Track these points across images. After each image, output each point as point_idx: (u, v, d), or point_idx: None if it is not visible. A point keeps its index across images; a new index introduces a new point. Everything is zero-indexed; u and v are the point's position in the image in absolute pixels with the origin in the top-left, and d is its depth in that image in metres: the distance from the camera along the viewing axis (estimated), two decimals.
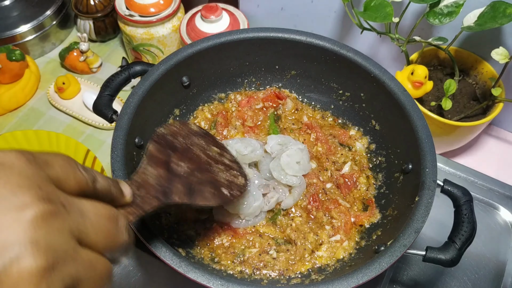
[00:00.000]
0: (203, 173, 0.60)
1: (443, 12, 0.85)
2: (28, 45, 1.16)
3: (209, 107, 0.86)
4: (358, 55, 0.79)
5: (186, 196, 0.55)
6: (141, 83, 0.74)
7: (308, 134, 0.83)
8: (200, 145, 0.64)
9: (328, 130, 0.84)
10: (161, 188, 0.52)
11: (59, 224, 0.31)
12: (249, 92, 0.88)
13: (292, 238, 0.71)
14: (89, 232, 0.34)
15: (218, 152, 0.66)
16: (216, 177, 0.62)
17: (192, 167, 0.59)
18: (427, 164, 0.67)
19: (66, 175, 0.35)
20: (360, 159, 0.81)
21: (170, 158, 0.57)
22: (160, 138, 0.59)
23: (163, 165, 0.55)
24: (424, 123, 0.71)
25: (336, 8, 1.02)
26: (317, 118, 0.87)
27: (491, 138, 1.06)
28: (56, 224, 0.30)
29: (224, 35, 0.81)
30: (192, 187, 0.57)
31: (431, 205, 0.64)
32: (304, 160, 0.78)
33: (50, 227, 0.30)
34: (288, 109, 0.87)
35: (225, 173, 0.64)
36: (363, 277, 0.57)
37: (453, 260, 0.62)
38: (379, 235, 0.70)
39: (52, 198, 0.31)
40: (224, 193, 0.62)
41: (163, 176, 0.54)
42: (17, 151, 0.33)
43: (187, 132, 0.63)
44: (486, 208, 0.90)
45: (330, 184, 0.78)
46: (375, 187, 0.78)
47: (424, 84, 0.88)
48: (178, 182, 0.55)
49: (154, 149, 0.57)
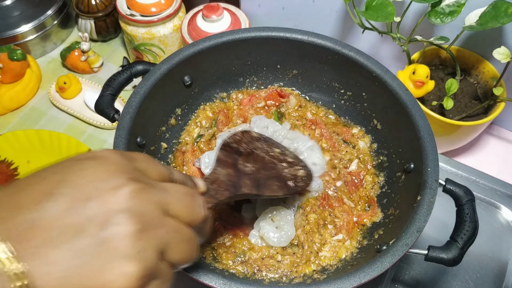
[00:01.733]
0: (268, 171, 0.65)
1: (445, 12, 0.85)
2: (29, 44, 1.16)
3: (210, 106, 0.86)
4: (359, 55, 0.79)
5: (254, 188, 0.60)
6: (143, 83, 0.74)
7: (312, 130, 0.83)
8: (263, 148, 0.68)
9: (332, 128, 0.84)
10: (231, 183, 0.57)
11: (148, 197, 0.37)
12: (251, 91, 0.88)
13: (301, 241, 0.71)
14: (172, 204, 0.39)
15: (280, 152, 0.70)
16: (281, 173, 0.67)
17: (258, 166, 0.64)
18: (429, 164, 0.67)
19: (149, 168, 0.41)
20: (364, 157, 0.81)
21: (237, 161, 0.62)
22: (226, 146, 0.63)
23: (232, 166, 0.60)
24: (426, 122, 0.71)
25: (338, 7, 1.02)
26: (320, 116, 0.87)
27: (493, 137, 1.06)
28: (146, 196, 0.37)
29: (226, 34, 0.81)
30: (260, 182, 0.62)
31: (433, 204, 0.63)
32: (320, 160, 0.78)
33: (141, 199, 0.36)
34: (291, 106, 0.87)
35: (289, 169, 0.69)
36: (365, 276, 0.57)
37: (455, 260, 0.62)
38: (381, 235, 0.70)
39: (141, 179, 0.38)
40: (290, 185, 0.67)
41: (232, 174, 0.59)
42: (110, 149, 0.40)
43: (249, 139, 0.68)
44: (488, 207, 0.90)
45: (340, 182, 0.78)
46: (379, 185, 0.78)
47: (425, 83, 0.88)
48: (246, 179, 0.60)
49: (222, 155, 0.61)
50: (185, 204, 0.41)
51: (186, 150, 0.80)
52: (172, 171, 0.45)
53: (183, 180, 0.46)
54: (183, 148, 0.80)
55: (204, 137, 0.81)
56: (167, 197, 0.39)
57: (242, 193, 0.58)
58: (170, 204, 0.39)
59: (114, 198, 0.35)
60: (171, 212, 0.39)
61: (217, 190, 0.54)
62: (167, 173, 0.43)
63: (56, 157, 0.98)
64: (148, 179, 0.39)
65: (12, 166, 0.98)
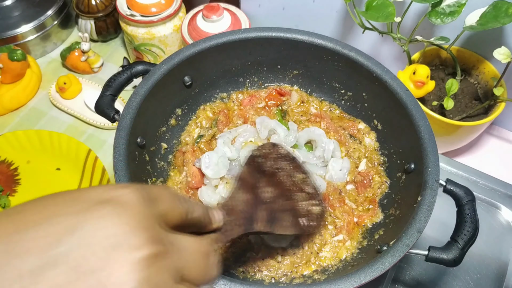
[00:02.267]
0: (285, 200, 0.62)
1: (445, 12, 0.85)
2: (30, 45, 1.16)
3: (210, 106, 0.86)
4: (360, 55, 0.79)
5: (267, 224, 0.57)
6: (143, 83, 0.74)
7: (317, 123, 0.83)
8: (287, 170, 0.65)
9: (337, 122, 0.84)
10: (247, 215, 0.55)
11: (164, 265, 0.33)
12: (251, 91, 0.88)
13: (301, 241, 0.71)
14: (187, 269, 0.37)
15: (302, 179, 0.67)
16: (296, 206, 0.63)
17: (277, 192, 0.61)
18: (429, 164, 0.67)
19: (171, 210, 0.38)
20: (371, 155, 0.81)
21: (258, 183, 0.60)
22: (252, 159, 0.62)
23: (251, 190, 0.58)
24: (427, 122, 0.71)
25: (338, 7, 1.02)
26: (324, 110, 0.86)
27: (493, 137, 1.06)
28: (162, 264, 0.33)
29: (226, 34, 0.81)
30: (274, 214, 0.59)
31: (433, 205, 0.63)
32: (344, 165, 0.78)
33: (156, 268, 0.32)
34: (293, 102, 0.87)
35: (305, 202, 0.65)
36: (365, 276, 0.57)
37: (456, 260, 0.62)
38: (381, 235, 0.70)
39: (161, 239, 0.34)
40: (301, 224, 0.63)
41: (250, 202, 0.57)
42: (132, 187, 0.35)
43: (277, 155, 0.65)
44: (488, 207, 0.90)
45: (351, 186, 0.78)
46: (387, 185, 0.78)
47: (426, 83, 0.88)
48: (263, 209, 0.58)
49: (246, 171, 0.60)
50: (199, 268, 0.39)
51: (187, 150, 0.79)
52: (192, 208, 0.42)
53: (200, 218, 0.43)
54: (183, 148, 0.80)
55: (205, 137, 0.81)
56: (182, 261, 0.36)
57: (254, 231, 0.55)
58: (184, 269, 0.36)
59: (127, 265, 0.31)
60: (185, 277, 0.36)
61: (232, 225, 0.51)
62: (187, 213, 0.40)
63: (56, 157, 0.98)
64: (167, 233, 0.36)
65: (12, 166, 0.98)
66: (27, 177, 0.97)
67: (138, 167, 0.71)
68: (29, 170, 0.98)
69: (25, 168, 0.98)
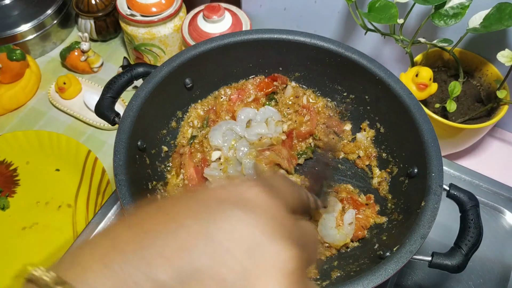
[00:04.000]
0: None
1: (449, 14, 0.84)
2: (29, 44, 1.15)
3: (201, 103, 0.84)
4: (363, 57, 0.78)
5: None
6: (144, 85, 0.73)
7: (303, 117, 0.83)
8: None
9: (323, 118, 0.84)
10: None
11: (303, 265, 0.31)
12: (238, 85, 0.86)
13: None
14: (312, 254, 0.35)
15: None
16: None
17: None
18: (433, 169, 0.66)
19: (292, 199, 0.36)
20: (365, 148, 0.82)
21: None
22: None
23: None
24: (430, 126, 0.70)
25: (340, 8, 1.01)
26: (318, 106, 0.86)
27: (496, 140, 1.05)
28: (301, 265, 0.31)
29: (228, 36, 0.80)
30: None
31: (437, 210, 0.63)
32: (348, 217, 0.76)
33: (298, 276, 0.30)
34: (287, 95, 0.85)
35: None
36: (368, 283, 0.56)
37: (459, 266, 0.62)
38: (384, 240, 0.69)
39: (297, 239, 0.32)
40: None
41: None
42: (257, 185, 0.33)
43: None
44: (491, 211, 0.89)
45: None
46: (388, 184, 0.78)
47: (428, 86, 0.87)
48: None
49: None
50: (317, 249, 0.37)
51: (184, 152, 0.79)
52: (303, 192, 0.40)
53: (310, 202, 0.42)
54: (180, 150, 0.80)
55: (198, 138, 0.80)
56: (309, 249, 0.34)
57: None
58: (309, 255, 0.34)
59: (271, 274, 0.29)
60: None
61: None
62: (301, 199, 0.39)
63: (55, 158, 0.97)
64: (296, 225, 0.34)
65: (12, 167, 0.97)
66: (26, 178, 0.96)
67: (138, 170, 0.71)
68: (28, 171, 0.97)
69: (24, 169, 0.97)
